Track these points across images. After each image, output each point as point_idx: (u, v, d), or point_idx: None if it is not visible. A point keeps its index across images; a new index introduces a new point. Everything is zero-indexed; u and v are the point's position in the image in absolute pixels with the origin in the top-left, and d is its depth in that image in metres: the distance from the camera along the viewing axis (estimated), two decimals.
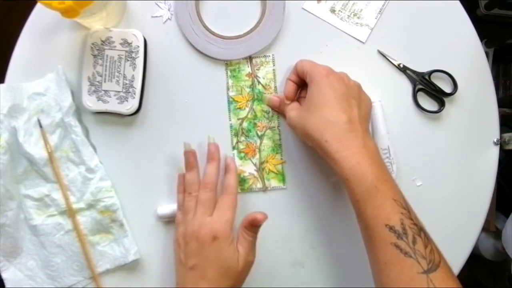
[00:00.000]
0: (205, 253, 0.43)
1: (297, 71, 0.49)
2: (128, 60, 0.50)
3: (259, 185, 0.52)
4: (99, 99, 0.50)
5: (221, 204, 0.46)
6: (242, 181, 0.51)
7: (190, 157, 0.48)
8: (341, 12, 0.54)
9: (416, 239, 0.38)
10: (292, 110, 0.48)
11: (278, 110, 0.52)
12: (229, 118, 0.52)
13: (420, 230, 0.39)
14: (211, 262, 0.43)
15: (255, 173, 0.52)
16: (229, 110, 0.52)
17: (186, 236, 0.44)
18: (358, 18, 0.54)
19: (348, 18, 0.54)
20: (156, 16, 0.53)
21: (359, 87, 0.47)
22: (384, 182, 0.41)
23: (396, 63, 0.53)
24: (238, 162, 0.52)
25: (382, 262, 0.39)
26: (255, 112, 0.52)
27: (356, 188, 0.41)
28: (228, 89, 0.53)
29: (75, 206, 0.49)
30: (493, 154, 0.53)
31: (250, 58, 0.53)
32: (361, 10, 0.54)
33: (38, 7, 0.53)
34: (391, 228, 0.39)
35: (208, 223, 0.44)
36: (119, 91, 0.50)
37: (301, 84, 0.50)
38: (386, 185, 0.41)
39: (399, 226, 0.39)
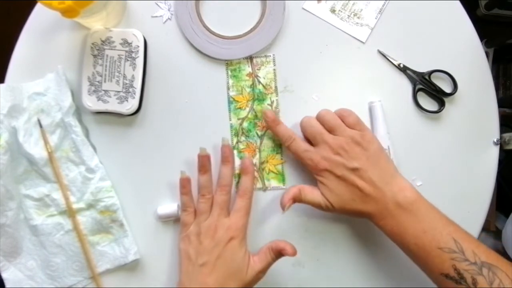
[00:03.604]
0: (218, 252, 0.44)
1: (292, 152, 0.49)
2: (128, 60, 0.50)
3: (259, 185, 0.52)
4: (99, 99, 0.50)
5: (238, 208, 0.47)
6: None
7: (205, 160, 0.49)
8: (341, 12, 0.54)
9: (476, 279, 0.38)
10: (323, 202, 0.46)
11: (297, 202, 0.48)
12: (229, 118, 0.52)
13: (482, 267, 0.38)
14: (222, 261, 0.44)
15: (255, 173, 0.51)
16: (229, 110, 0.52)
17: (201, 235, 0.45)
18: (358, 18, 0.54)
19: (348, 18, 0.54)
20: (156, 16, 0.53)
21: (355, 126, 0.47)
22: (423, 235, 0.41)
23: (396, 63, 0.53)
24: (238, 162, 0.52)
25: None
26: (255, 112, 0.52)
27: (402, 248, 0.44)
28: (228, 89, 0.53)
29: (75, 206, 0.49)
30: (493, 154, 0.53)
31: (250, 58, 0.53)
32: (361, 10, 0.54)
33: (38, 7, 0.53)
34: (447, 276, 0.40)
35: (226, 224, 0.46)
36: (119, 91, 0.50)
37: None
38: (426, 237, 0.41)
39: (454, 272, 0.39)
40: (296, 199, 0.47)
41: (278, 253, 0.46)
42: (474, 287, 0.38)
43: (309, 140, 0.48)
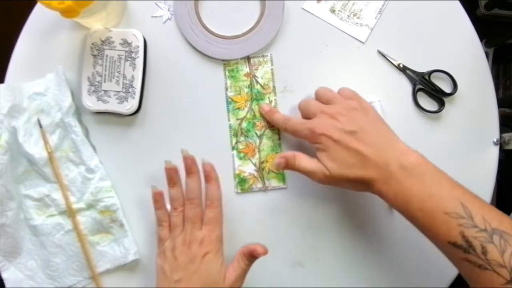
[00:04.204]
0: (193, 267, 0.43)
1: (290, 133, 0.48)
2: (128, 60, 0.50)
3: (259, 185, 0.51)
4: (99, 99, 0.50)
5: (209, 219, 0.46)
6: (242, 181, 0.51)
7: (172, 173, 0.47)
8: (341, 12, 0.54)
9: (486, 247, 0.34)
10: (319, 170, 0.44)
11: (288, 169, 0.46)
12: (228, 118, 0.52)
13: (493, 234, 0.35)
14: (197, 276, 0.43)
15: (255, 173, 0.52)
16: (228, 110, 0.52)
17: (175, 250, 0.44)
18: (358, 18, 0.54)
19: (348, 18, 0.54)
20: (156, 16, 0.53)
21: (349, 96, 0.46)
22: (428, 199, 0.38)
23: (396, 63, 0.53)
24: (237, 162, 0.52)
25: (465, 277, 0.37)
26: (254, 112, 0.52)
27: (406, 216, 0.40)
28: (226, 89, 0.53)
29: (75, 206, 0.49)
30: (493, 154, 0.53)
31: (248, 58, 0.53)
32: (361, 10, 0.54)
33: (38, 7, 0.53)
34: (454, 244, 0.36)
35: (199, 238, 0.44)
36: (119, 91, 0.50)
37: None
38: (431, 202, 0.38)
39: (462, 240, 0.35)
40: (290, 163, 0.45)
41: (250, 256, 0.46)
42: (484, 257, 0.34)
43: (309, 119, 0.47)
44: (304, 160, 0.45)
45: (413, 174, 0.40)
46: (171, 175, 0.47)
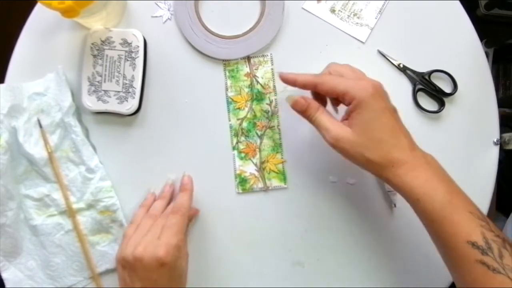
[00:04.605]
0: (153, 276, 0.41)
1: (325, 89, 0.43)
2: (128, 60, 0.50)
3: (260, 185, 0.51)
4: (99, 99, 0.50)
5: (170, 225, 0.43)
6: (243, 181, 0.51)
7: (167, 189, 0.50)
8: (341, 12, 0.54)
9: (502, 252, 0.35)
10: (338, 131, 0.41)
11: (304, 115, 0.44)
12: (229, 118, 0.52)
13: (504, 241, 0.36)
14: (159, 285, 0.41)
15: (256, 173, 0.52)
16: (228, 110, 0.52)
17: (130, 260, 0.42)
18: (358, 18, 0.54)
19: (348, 18, 0.54)
20: (156, 16, 0.53)
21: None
22: (456, 195, 0.39)
23: (396, 63, 0.53)
24: (238, 162, 0.52)
25: (469, 282, 0.36)
26: (254, 112, 0.52)
27: (429, 207, 0.38)
28: (227, 89, 0.53)
29: (75, 206, 0.49)
30: (493, 154, 0.53)
31: (248, 58, 0.53)
32: (361, 10, 0.54)
33: (38, 7, 0.53)
34: (473, 244, 0.36)
35: (153, 249, 0.41)
36: (119, 91, 0.50)
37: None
38: (459, 198, 0.38)
39: (482, 241, 0.36)
40: (310, 111, 0.43)
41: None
42: (500, 260, 0.34)
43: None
44: (326, 116, 0.42)
45: (441, 169, 0.40)
46: (166, 190, 0.50)
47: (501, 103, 0.55)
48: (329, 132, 0.42)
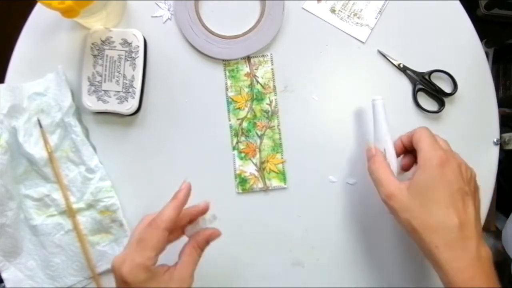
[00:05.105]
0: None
1: (412, 139, 0.43)
2: (128, 60, 0.50)
3: (260, 185, 0.51)
4: (99, 99, 0.50)
5: (141, 237, 0.37)
6: (243, 181, 0.51)
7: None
8: (341, 12, 0.54)
9: None
10: (392, 189, 0.41)
11: (367, 162, 0.45)
12: (229, 118, 0.52)
13: None
14: None
15: (256, 173, 0.52)
16: (228, 110, 0.52)
17: (112, 267, 0.37)
18: (358, 18, 0.54)
19: (348, 18, 0.54)
20: (156, 16, 0.53)
21: (475, 177, 0.42)
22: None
23: (396, 63, 0.53)
24: (238, 162, 0.52)
25: None
26: (254, 112, 0.52)
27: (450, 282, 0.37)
28: (227, 89, 0.53)
29: (75, 206, 0.49)
30: (493, 154, 0.53)
31: (248, 58, 0.53)
32: (361, 10, 0.54)
33: (38, 7, 0.53)
34: None
35: (121, 263, 0.36)
36: (119, 91, 0.50)
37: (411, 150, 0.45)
38: None
39: None
40: (369, 160, 0.43)
41: (206, 243, 0.40)
42: None
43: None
44: (384, 170, 0.42)
45: (490, 269, 0.38)
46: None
47: (501, 103, 0.55)
48: (383, 187, 0.41)
